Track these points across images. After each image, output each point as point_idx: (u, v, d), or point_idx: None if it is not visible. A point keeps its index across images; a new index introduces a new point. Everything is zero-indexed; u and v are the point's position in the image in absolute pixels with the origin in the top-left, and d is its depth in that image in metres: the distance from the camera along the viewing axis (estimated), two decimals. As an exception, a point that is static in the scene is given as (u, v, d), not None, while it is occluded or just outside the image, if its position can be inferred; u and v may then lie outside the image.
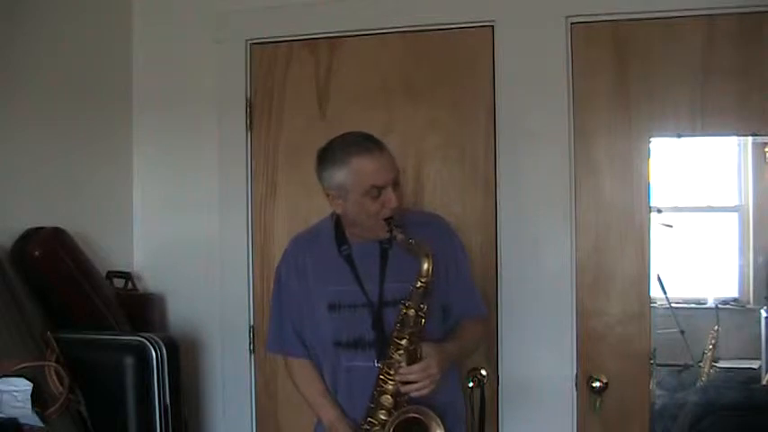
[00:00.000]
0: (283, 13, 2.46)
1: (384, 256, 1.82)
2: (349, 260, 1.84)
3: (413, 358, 1.71)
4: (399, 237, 1.73)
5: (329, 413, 1.84)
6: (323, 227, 1.94)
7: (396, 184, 1.78)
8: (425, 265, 1.69)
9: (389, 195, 1.74)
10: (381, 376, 1.74)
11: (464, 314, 1.91)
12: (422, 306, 1.71)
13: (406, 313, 1.71)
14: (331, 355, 1.85)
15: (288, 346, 1.94)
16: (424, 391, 1.70)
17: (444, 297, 1.86)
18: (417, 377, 1.69)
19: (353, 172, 1.74)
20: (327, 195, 1.82)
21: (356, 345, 1.81)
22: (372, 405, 1.74)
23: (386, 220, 1.75)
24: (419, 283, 1.70)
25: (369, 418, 1.75)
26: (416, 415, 1.71)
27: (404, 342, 1.71)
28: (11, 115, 2.06)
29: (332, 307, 1.83)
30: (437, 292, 1.80)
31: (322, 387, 1.88)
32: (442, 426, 1.71)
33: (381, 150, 1.77)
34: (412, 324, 1.71)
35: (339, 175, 1.75)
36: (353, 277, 1.82)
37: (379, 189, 1.73)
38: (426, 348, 1.72)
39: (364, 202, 1.74)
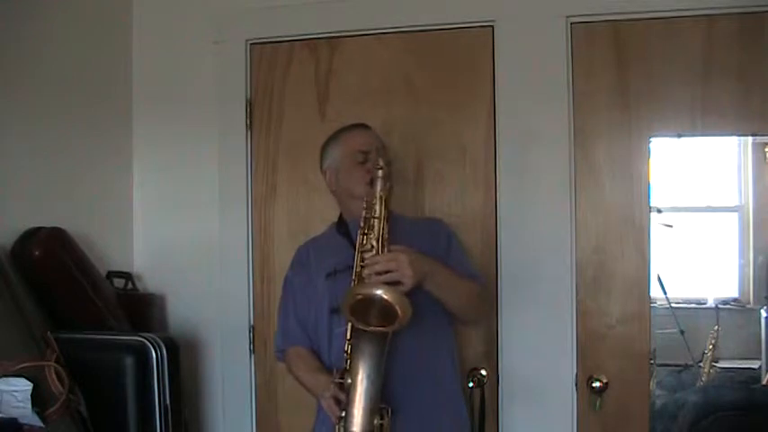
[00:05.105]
0: (283, 13, 2.46)
1: None
2: (346, 235, 1.93)
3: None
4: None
5: (325, 385, 1.78)
6: (327, 229, 2.07)
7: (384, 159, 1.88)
8: (382, 157, 1.80)
9: (375, 158, 1.86)
10: (357, 269, 1.73)
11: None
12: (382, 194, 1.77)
13: (371, 203, 1.78)
14: (330, 324, 1.86)
15: (291, 338, 1.98)
16: (402, 288, 1.64)
17: None
18: (384, 266, 1.66)
19: (343, 142, 1.99)
20: (324, 176, 2.02)
21: None
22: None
23: (371, 182, 1.84)
24: (379, 171, 1.79)
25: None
26: (362, 295, 1.63)
27: (371, 235, 1.74)
28: (10, 115, 2.06)
29: (329, 275, 1.89)
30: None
31: (317, 364, 1.89)
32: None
33: (367, 128, 2.02)
34: (377, 212, 1.76)
35: (332, 150, 2.01)
36: (349, 246, 1.87)
37: (365, 154, 1.92)
38: (396, 246, 1.73)
39: (352, 168, 1.93)
